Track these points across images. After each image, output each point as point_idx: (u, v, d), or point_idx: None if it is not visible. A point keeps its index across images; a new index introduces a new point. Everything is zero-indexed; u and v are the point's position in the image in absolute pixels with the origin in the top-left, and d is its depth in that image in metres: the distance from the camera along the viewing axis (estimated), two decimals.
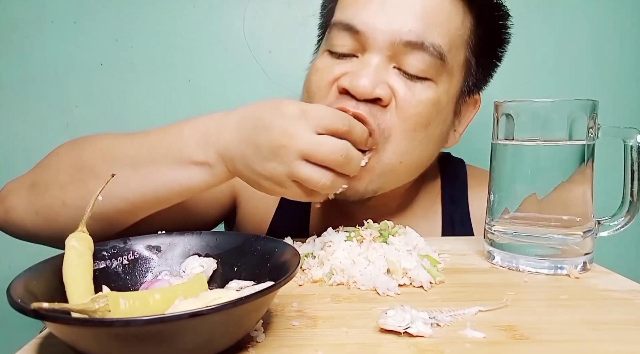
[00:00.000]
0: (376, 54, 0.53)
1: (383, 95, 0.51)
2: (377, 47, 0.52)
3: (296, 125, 0.42)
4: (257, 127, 0.43)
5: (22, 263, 0.33)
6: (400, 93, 0.52)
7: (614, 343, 0.31)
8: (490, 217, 0.49)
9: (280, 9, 0.97)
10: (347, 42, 0.54)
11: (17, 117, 0.98)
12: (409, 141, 0.53)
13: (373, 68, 0.52)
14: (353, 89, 0.51)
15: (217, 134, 0.45)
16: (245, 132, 0.44)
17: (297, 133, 0.42)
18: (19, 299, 0.26)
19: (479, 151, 0.90)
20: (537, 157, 0.46)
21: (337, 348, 0.30)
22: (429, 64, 0.53)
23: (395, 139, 0.53)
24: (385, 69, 0.53)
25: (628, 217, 0.47)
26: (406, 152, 0.54)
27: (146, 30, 0.97)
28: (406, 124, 0.53)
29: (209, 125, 0.46)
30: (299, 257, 0.33)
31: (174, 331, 0.25)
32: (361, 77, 0.51)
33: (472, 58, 0.58)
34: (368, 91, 0.50)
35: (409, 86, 0.53)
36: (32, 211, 0.50)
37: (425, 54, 0.52)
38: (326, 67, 0.56)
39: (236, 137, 0.44)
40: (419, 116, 0.53)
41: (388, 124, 0.52)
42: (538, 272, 0.45)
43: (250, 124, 0.44)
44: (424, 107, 0.53)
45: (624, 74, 1.00)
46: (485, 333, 0.32)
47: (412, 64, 0.52)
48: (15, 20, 0.96)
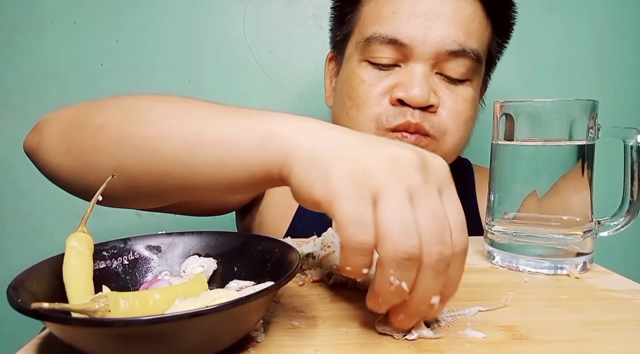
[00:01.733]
0: (421, 64, 0.58)
1: (434, 102, 0.58)
2: (423, 58, 0.58)
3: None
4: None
5: (22, 263, 0.33)
6: (446, 98, 0.59)
7: (614, 343, 0.31)
8: (490, 217, 0.49)
9: (280, 9, 0.97)
10: (390, 54, 0.59)
11: (17, 117, 0.98)
12: (463, 132, 0.62)
13: (422, 77, 0.57)
14: (409, 100, 0.57)
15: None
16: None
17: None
18: (19, 299, 0.26)
19: (479, 151, 0.90)
20: (537, 157, 0.46)
21: (337, 348, 0.30)
22: (469, 67, 0.59)
23: (451, 132, 0.60)
24: (431, 77, 0.59)
25: (628, 217, 0.47)
26: (460, 143, 0.62)
27: (146, 30, 0.97)
28: (458, 120, 0.60)
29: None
30: (299, 257, 0.33)
31: (174, 331, 0.25)
32: (415, 88, 0.56)
33: (489, 57, 0.65)
34: (424, 100, 0.56)
35: (452, 90, 0.60)
36: (62, 149, 0.43)
37: (466, 60, 0.59)
38: (372, 78, 0.60)
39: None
40: (465, 111, 0.61)
41: (441, 122, 0.59)
42: (538, 272, 0.45)
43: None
44: (468, 104, 0.61)
45: (624, 74, 1.01)
46: (485, 333, 0.32)
47: (454, 70, 0.59)
48: (15, 20, 0.96)
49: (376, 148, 0.29)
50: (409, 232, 0.26)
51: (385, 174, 0.28)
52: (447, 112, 0.59)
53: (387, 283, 0.27)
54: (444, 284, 0.29)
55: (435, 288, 0.28)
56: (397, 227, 0.26)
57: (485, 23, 0.61)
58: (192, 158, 0.34)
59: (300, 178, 0.29)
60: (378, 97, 0.59)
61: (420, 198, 0.28)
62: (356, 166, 0.28)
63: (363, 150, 0.29)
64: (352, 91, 0.62)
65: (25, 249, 1.00)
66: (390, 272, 0.27)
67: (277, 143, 0.31)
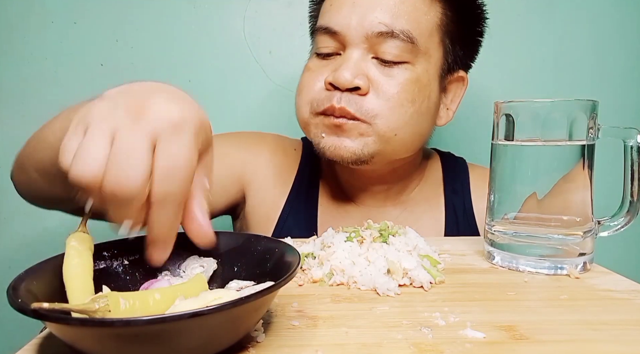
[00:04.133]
0: (355, 49, 0.60)
1: (361, 84, 0.58)
2: (354, 42, 0.60)
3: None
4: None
5: (22, 263, 0.33)
6: (378, 80, 0.60)
7: (614, 343, 0.31)
8: (490, 217, 0.49)
9: (280, 9, 0.97)
10: (329, 43, 0.63)
11: (17, 117, 0.98)
12: (399, 115, 0.60)
13: (352, 61, 0.60)
14: (335, 81, 0.59)
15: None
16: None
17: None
18: (19, 299, 0.26)
19: (479, 151, 0.90)
20: (537, 157, 0.46)
21: (337, 348, 0.30)
22: (402, 48, 0.60)
23: (384, 115, 0.59)
24: (365, 61, 0.60)
25: (628, 217, 0.47)
26: (399, 126, 0.60)
27: (146, 30, 0.97)
28: (391, 103, 0.60)
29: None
30: (299, 258, 0.33)
31: (174, 331, 0.25)
32: (342, 70, 0.58)
33: (447, 38, 0.64)
34: (348, 81, 0.58)
35: (386, 72, 0.60)
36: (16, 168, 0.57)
37: (397, 41, 0.59)
38: (315, 67, 0.64)
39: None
40: (401, 93, 0.60)
41: (371, 106, 0.59)
42: (538, 272, 0.45)
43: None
44: (404, 86, 0.60)
45: (624, 74, 1.00)
46: (485, 333, 0.32)
47: (387, 52, 0.60)
48: (15, 20, 0.96)
49: (118, 96, 0.33)
50: (84, 161, 0.29)
51: (97, 114, 0.30)
52: (379, 94, 0.59)
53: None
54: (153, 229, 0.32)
55: (125, 216, 0.31)
56: (78, 157, 0.29)
57: (425, 5, 0.61)
58: (38, 149, 0.49)
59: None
60: (315, 83, 0.63)
61: (118, 136, 0.29)
62: (87, 110, 0.31)
63: (113, 95, 0.33)
64: (300, 79, 0.67)
65: (25, 249, 1.00)
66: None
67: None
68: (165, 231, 0.32)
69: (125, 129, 0.29)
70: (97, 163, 0.28)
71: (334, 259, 0.44)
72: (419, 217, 0.72)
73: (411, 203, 0.73)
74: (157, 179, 0.30)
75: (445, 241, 0.57)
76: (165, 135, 0.30)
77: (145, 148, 0.29)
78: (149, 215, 0.31)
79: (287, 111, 0.98)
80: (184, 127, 0.31)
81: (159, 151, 0.30)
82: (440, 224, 0.72)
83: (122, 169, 0.28)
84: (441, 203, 0.73)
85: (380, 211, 0.71)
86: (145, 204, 0.31)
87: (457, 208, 0.72)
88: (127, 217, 0.31)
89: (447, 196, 0.73)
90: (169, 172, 0.30)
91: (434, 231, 0.71)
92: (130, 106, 0.31)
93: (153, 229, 0.32)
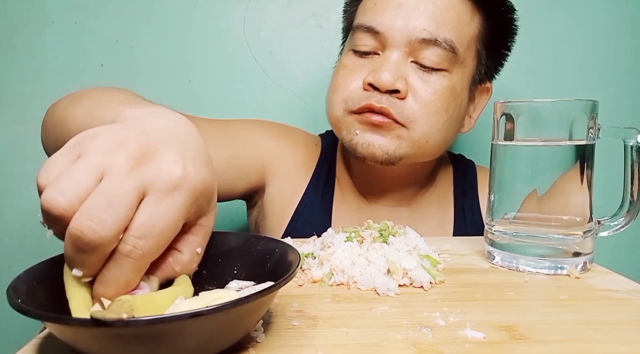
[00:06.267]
0: (395, 51, 0.61)
1: (401, 88, 0.59)
2: (396, 45, 0.60)
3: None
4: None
5: (22, 263, 0.33)
6: (417, 86, 0.60)
7: (614, 343, 0.31)
8: (490, 217, 0.49)
9: (280, 9, 0.97)
10: (369, 42, 0.62)
11: (17, 117, 0.98)
12: (434, 123, 0.61)
13: (393, 63, 0.60)
14: (376, 82, 0.59)
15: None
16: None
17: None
18: (19, 299, 0.26)
19: (479, 151, 0.90)
20: (537, 157, 0.46)
21: (337, 348, 0.30)
22: (443, 56, 0.60)
23: (421, 121, 0.61)
24: (404, 64, 0.61)
25: (628, 217, 0.47)
26: (432, 133, 0.62)
27: (146, 30, 0.97)
28: (427, 109, 0.60)
29: None
30: (299, 258, 0.33)
31: (174, 331, 0.25)
32: (383, 72, 0.59)
33: (483, 50, 0.66)
34: (390, 83, 0.58)
35: (424, 78, 0.61)
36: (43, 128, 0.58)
37: (439, 49, 0.60)
38: (351, 64, 0.64)
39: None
40: (437, 101, 0.61)
41: (410, 110, 0.60)
42: (538, 272, 0.45)
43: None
44: (440, 94, 0.61)
45: (624, 74, 1.00)
46: (485, 333, 0.32)
47: (427, 58, 0.60)
48: (15, 20, 0.96)
49: (129, 130, 0.30)
50: (62, 189, 0.26)
51: (97, 146, 0.28)
52: (416, 99, 0.60)
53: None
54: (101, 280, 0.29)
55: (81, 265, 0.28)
56: (58, 182, 0.26)
57: (468, 16, 0.62)
58: (59, 125, 0.50)
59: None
60: (352, 81, 0.63)
61: (108, 177, 0.27)
62: (92, 135, 0.29)
63: (125, 126, 0.31)
64: (335, 76, 0.66)
65: (25, 249, 1.00)
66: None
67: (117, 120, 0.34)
68: (115, 289, 0.29)
69: (117, 172, 0.27)
70: (74, 196, 0.26)
71: (334, 259, 0.44)
72: (429, 218, 0.73)
73: (423, 204, 0.74)
74: (128, 232, 0.27)
75: (445, 241, 0.58)
76: (155, 192, 0.28)
77: (130, 199, 0.27)
78: (106, 264, 0.28)
79: (288, 111, 0.98)
80: (179, 190, 0.29)
81: (142, 205, 0.28)
82: (449, 225, 0.73)
83: (97, 212, 0.26)
84: (450, 205, 0.74)
85: (392, 211, 0.72)
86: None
87: (466, 210, 0.73)
88: (82, 266, 0.28)
89: (457, 197, 0.74)
90: (143, 231, 0.27)
91: (443, 232, 0.72)
92: (135, 149, 0.28)
93: (103, 280, 0.29)
